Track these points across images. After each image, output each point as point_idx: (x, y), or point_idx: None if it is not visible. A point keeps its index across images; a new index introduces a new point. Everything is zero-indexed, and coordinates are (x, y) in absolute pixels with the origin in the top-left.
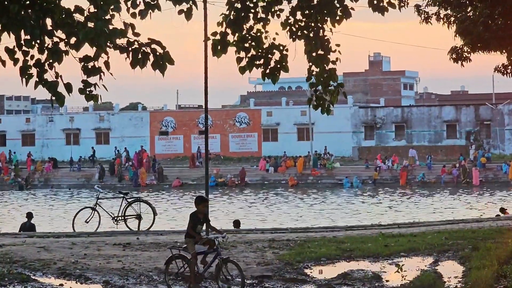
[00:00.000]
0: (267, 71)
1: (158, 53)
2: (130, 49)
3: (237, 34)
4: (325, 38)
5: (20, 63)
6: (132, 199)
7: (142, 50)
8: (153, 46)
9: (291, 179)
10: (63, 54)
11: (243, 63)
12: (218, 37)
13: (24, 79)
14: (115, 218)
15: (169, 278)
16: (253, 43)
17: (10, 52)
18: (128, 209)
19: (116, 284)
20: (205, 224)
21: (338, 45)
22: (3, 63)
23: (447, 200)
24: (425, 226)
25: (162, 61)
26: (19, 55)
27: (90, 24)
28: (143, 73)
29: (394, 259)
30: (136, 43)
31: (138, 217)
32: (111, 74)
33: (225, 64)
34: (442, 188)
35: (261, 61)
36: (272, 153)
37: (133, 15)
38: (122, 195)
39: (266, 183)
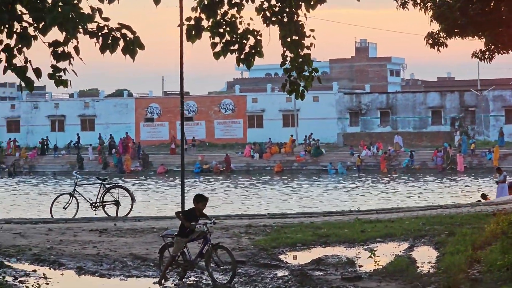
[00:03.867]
0: (242, 56)
1: (128, 38)
2: (100, 34)
3: (211, 19)
4: (300, 23)
5: None
6: (110, 185)
7: (112, 35)
8: (123, 31)
9: (278, 166)
10: (32, 39)
11: (218, 48)
12: (192, 22)
13: None
14: (93, 204)
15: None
16: (227, 28)
17: None
18: (106, 195)
19: (90, 269)
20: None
21: (312, 30)
22: None
23: (431, 186)
24: (404, 212)
25: (133, 46)
26: None
27: (59, 9)
28: (128, 60)
29: (369, 244)
30: (106, 28)
31: (116, 203)
32: (81, 59)
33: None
34: (426, 174)
35: (236, 47)
36: (257, 139)
37: (101, 0)
38: (100, 181)
39: (251, 170)
